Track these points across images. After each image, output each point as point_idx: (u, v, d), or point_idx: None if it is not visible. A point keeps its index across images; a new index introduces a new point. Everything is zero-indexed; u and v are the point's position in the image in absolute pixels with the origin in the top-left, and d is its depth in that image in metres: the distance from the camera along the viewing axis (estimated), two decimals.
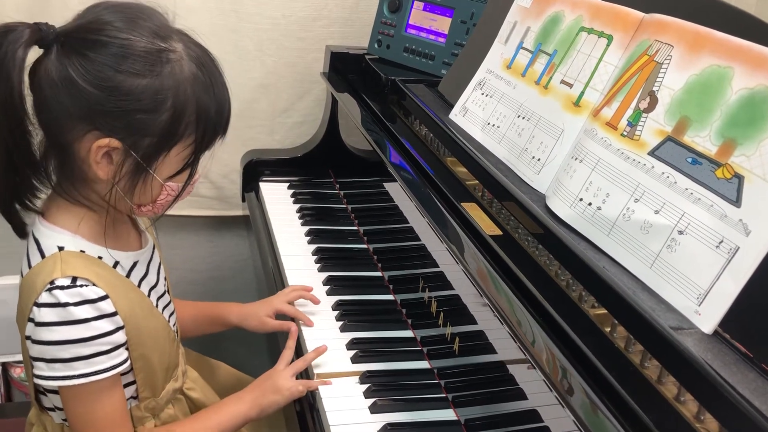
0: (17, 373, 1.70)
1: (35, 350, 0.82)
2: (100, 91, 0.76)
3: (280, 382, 0.99)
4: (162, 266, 1.00)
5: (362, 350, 1.07)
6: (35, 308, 0.81)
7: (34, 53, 0.78)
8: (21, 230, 0.87)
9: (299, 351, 1.08)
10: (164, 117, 0.79)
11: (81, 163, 0.81)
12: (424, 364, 1.07)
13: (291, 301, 1.16)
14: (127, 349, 0.86)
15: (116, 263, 0.88)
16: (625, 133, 0.83)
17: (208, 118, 0.83)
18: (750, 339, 0.66)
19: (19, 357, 1.69)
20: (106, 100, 0.76)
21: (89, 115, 0.77)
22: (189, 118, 0.81)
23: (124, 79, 0.76)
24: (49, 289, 0.80)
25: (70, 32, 0.78)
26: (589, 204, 0.84)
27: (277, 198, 1.52)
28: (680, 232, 0.73)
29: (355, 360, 1.06)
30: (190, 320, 1.15)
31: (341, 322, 1.14)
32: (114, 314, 0.83)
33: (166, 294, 0.99)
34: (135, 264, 0.91)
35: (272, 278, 1.29)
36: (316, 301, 1.18)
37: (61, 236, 0.84)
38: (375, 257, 1.33)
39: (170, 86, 0.78)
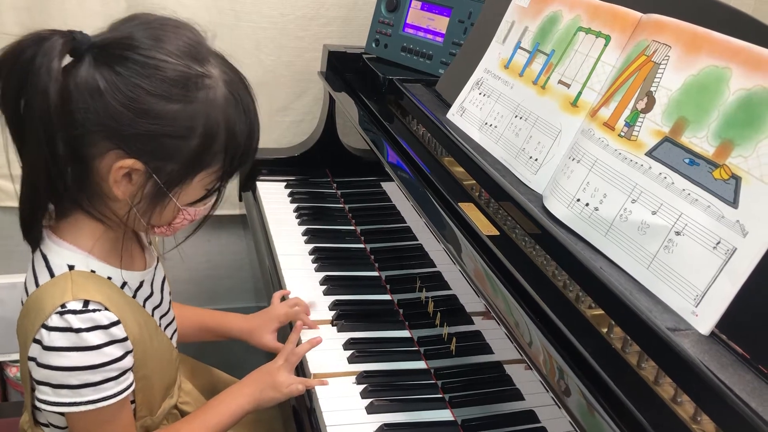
0: (13, 372, 1.70)
1: (41, 374, 0.79)
2: (131, 112, 0.73)
3: (280, 379, 0.98)
4: (166, 281, 0.98)
5: (359, 350, 1.07)
6: (44, 331, 0.77)
7: None
8: (37, 242, 0.83)
9: None
10: (193, 144, 0.76)
11: (100, 180, 0.78)
12: (421, 365, 1.06)
13: (292, 319, 1.13)
14: (132, 371, 0.85)
15: (124, 283, 0.86)
16: (622, 134, 0.83)
17: (237, 146, 0.80)
18: (747, 340, 0.66)
19: (16, 356, 1.69)
20: (136, 122, 0.73)
21: (116, 134, 0.74)
22: (218, 147, 0.78)
23: (156, 102, 0.73)
24: (60, 313, 0.77)
25: (105, 45, 0.75)
26: (587, 204, 0.84)
27: (274, 197, 1.52)
28: (677, 233, 0.73)
29: (351, 360, 1.05)
30: (190, 328, 1.13)
31: (338, 322, 1.14)
32: (125, 339, 0.81)
33: (170, 312, 0.97)
34: (141, 284, 0.89)
35: (269, 277, 1.29)
36: (313, 326, 1.13)
37: (71, 254, 0.81)
38: (372, 257, 1.33)
39: (203, 113, 0.76)
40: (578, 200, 0.85)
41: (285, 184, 1.57)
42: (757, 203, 0.67)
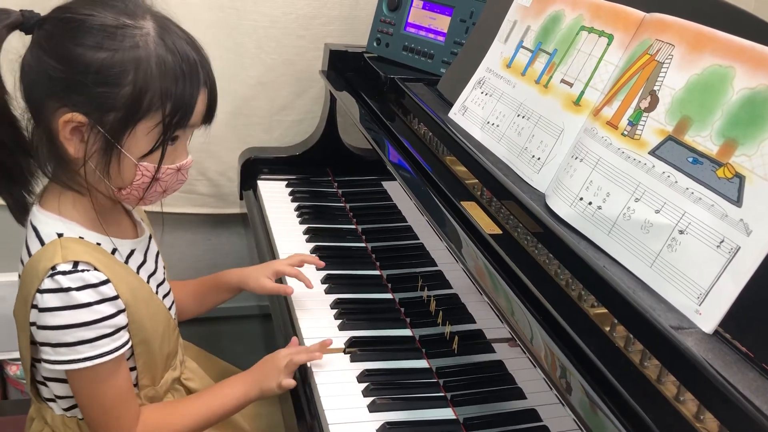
0: (13, 371, 1.70)
1: (41, 336, 0.83)
2: (61, 64, 0.78)
3: (281, 364, 0.99)
4: (160, 257, 1.01)
5: (361, 349, 1.07)
6: (38, 295, 0.81)
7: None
8: (20, 214, 0.88)
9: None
10: (126, 91, 0.79)
11: (56, 141, 0.82)
12: (422, 363, 1.06)
13: (293, 265, 1.18)
14: (128, 331, 0.88)
15: (114, 249, 0.89)
16: (625, 133, 0.83)
17: (175, 97, 0.81)
18: (751, 339, 0.66)
19: (16, 354, 1.69)
20: (66, 74, 0.78)
21: (55, 91, 0.79)
22: (153, 93, 0.80)
23: (82, 52, 0.77)
24: (52, 275, 0.81)
25: (48, 17, 0.81)
26: (590, 203, 0.84)
27: (275, 196, 1.52)
28: (681, 232, 0.73)
29: (353, 359, 1.05)
30: (193, 296, 1.16)
31: (339, 321, 1.13)
32: (115, 298, 0.84)
33: (166, 282, 1.00)
34: (132, 252, 0.93)
35: None
36: (319, 264, 1.20)
37: (59, 223, 0.85)
38: (373, 256, 1.33)
39: (130, 60, 0.79)
40: (581, 199, 0.85)
41: (286, 183, 1.57)
42: (760, 202, 0.67)
